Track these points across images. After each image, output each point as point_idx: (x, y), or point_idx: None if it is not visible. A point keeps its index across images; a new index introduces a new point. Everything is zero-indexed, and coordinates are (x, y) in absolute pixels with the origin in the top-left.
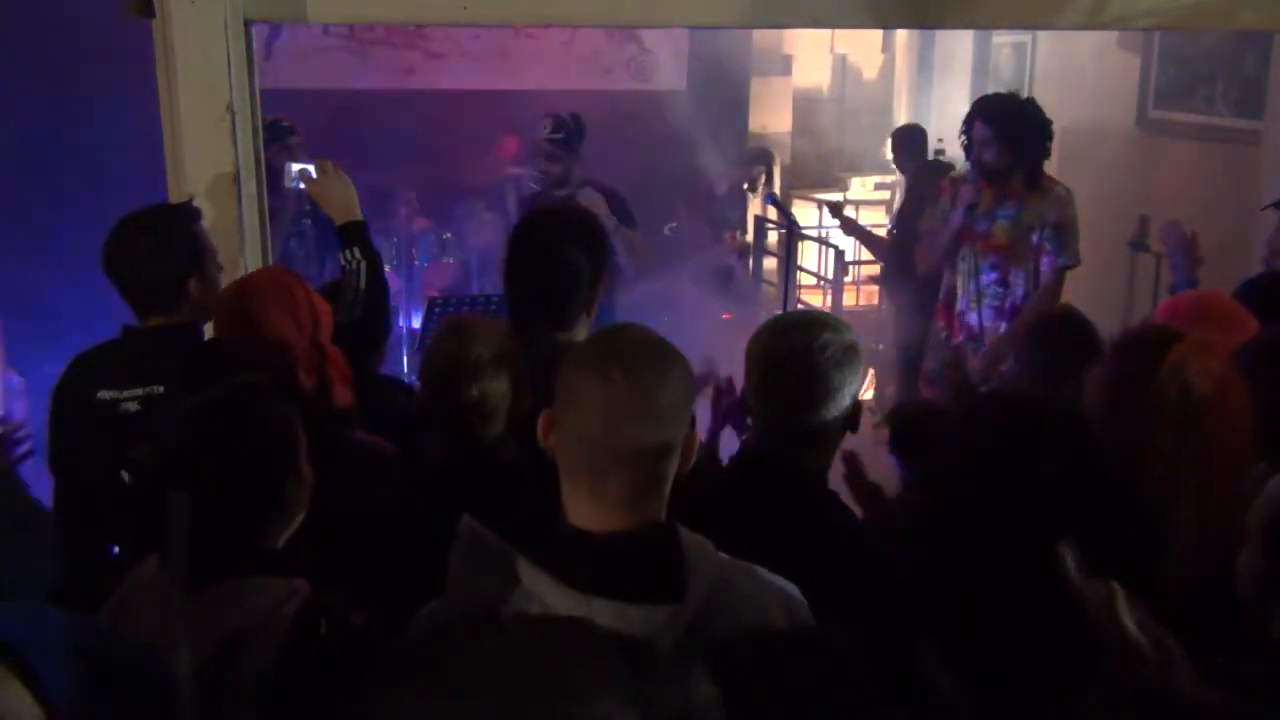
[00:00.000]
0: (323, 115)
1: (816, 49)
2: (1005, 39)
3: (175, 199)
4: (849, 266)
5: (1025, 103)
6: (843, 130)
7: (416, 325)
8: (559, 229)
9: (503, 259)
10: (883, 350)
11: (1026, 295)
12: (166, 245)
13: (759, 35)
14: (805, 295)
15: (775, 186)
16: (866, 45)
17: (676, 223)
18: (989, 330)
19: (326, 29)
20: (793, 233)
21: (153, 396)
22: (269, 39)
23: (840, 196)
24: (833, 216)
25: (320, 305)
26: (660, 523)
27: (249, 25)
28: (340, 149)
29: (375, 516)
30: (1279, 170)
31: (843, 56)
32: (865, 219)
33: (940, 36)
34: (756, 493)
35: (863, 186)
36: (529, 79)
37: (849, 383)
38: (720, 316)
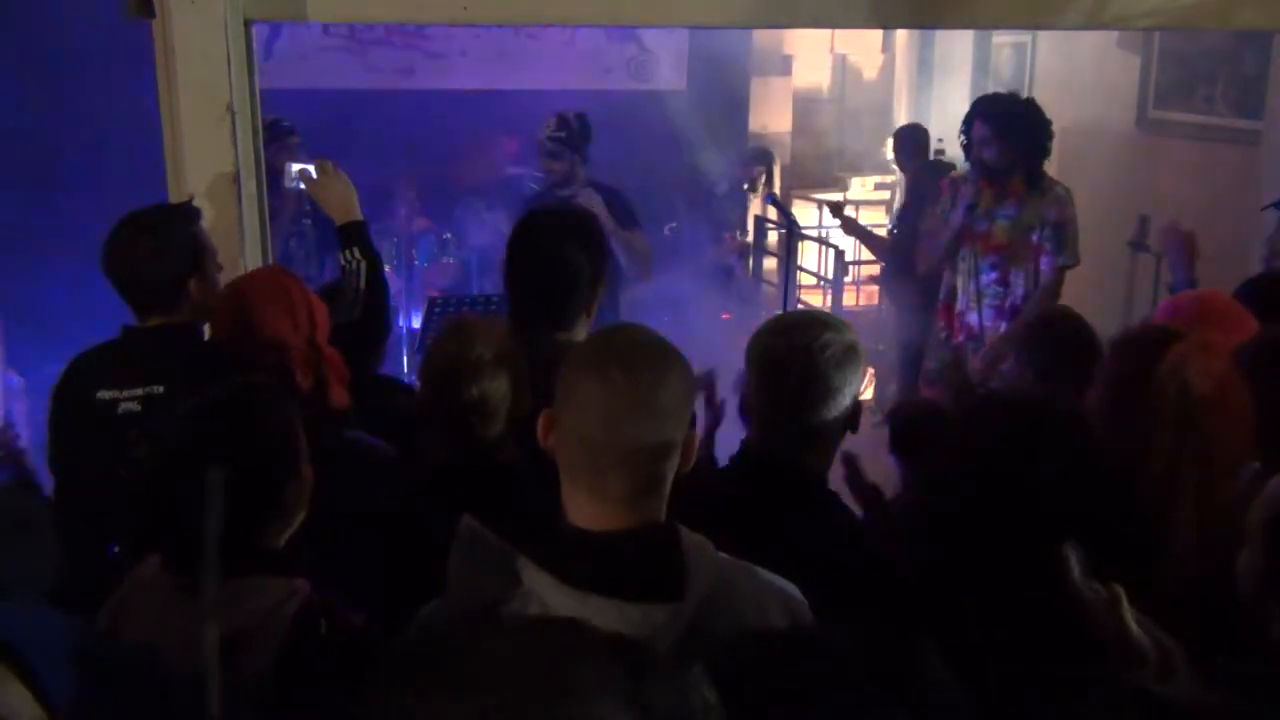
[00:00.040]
0: (323, 115)
1: (816, 49)
2: (1005, 39)
3: (175, 199)
4: (849, 266)
5: (1025, 102)
6: (843, 130)
7: (416, 325)
8: (559, 229)
9: (502, 259)
10: (883, 350)
11: (1026, 295)
12: (166, 245)
13: (759, 35)
14: (805, 295)
15: (775, 186)
16: (866, 45)
17: (676, 223)
18: (989, 330)
19: (326, 29)
20: (793, 233)
21: (152, 396)
22: (269, 39)
23: (840, 196)
24: (833, 216)
25: (317, 305)
26: (660, 522)
27: (249, 25)
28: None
29: (372, 516)
30: (1279, 170)
31: (843, 56)
32: (865, 219)
33: (940, 36)
34: (756, 493)
35: (863, 186)
36: (529, 79)
37: (849, 383)
38: (720, 316)
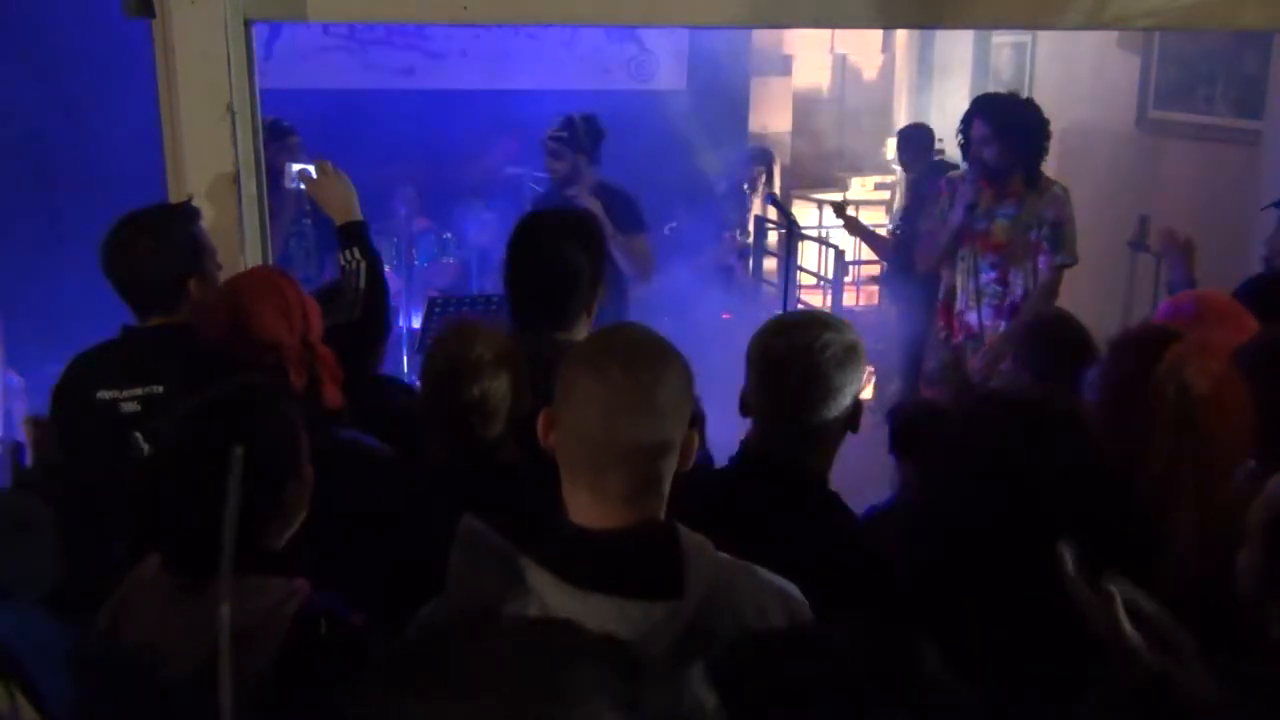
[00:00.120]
0: (323, 115)
1: (816, 49)
2: (1005, 39)
3: (175, 199)
4: (849, 266)
5: (1024, 102)
6: (843, 130)
7: (416, 325)
8: (559, 229)
9: (502, 259)
10: (882, 350)
11: (1026, 294)
12: (166, 245)
13: (759, 35)
14: (805, 295)
15: (775, 186)
16: (866, 45)
17: (676, 223)
18: (989, 329)
19: (326, 29)
20: (793, 233)
21: (152, 396)
22: (269, 39)
23: (841, 196)
24: (837, 216)
25: (311, 305)
26: (660, 521)
27: (249, 25)
28: (340, 149)
29: (368, 516)
30: (1279, 170)
31: (843, 56)
32: (865, 219)
33: (940, 36)
34: (756, 493)
35: (863, 187)
36: (529, 79)
37: (850, 382)
38: (720, 316)
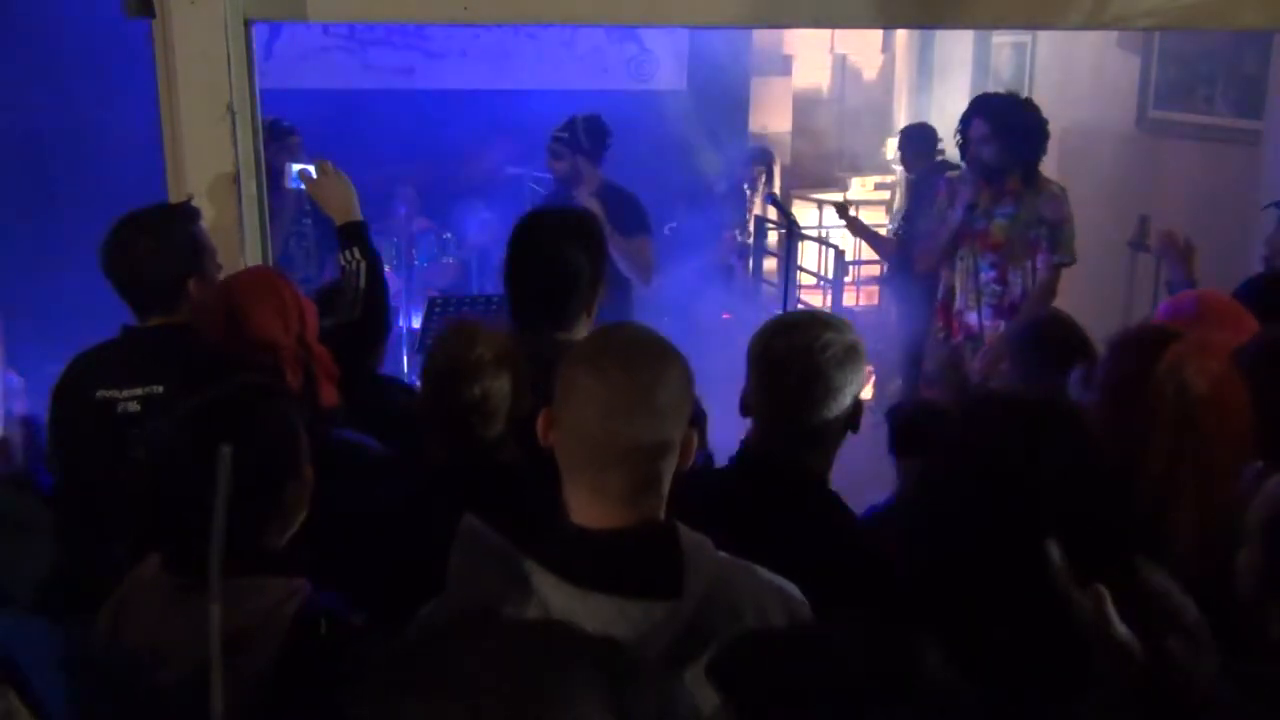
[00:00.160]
0: (323, 115)
1: (816, 49)
2: (1005, 39)
3: (175, 199)
4: (849, 266)
5: (1022, 101)
6: (843, 130)
7: (416, 325)
8: (559, 229)
9: (503, 259)
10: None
11: (1024, 293)
12: (166, 245)
13: (759, 35)
14: (805, 295)
15: (775, 186)
16: (866, 45)
17: (676, 223)
18: (988, 329)
19: (326, 29)
20: (793, 233)
21: (152, 396)
22: (269, 39)
23: (841, 196)
24: (840, 218)
25: (307, 304)
26: (660, 520)
27: (249, 25)
28: (340, 149)
29: (365, 515)
30: (1279, 170)
31: (843, 56)
32: (865, 219)
33: (940, 36)
34: (756, 493)
35: (863, 187)
36: (529, 79)
37: (850, 382)
38: (720, 316)
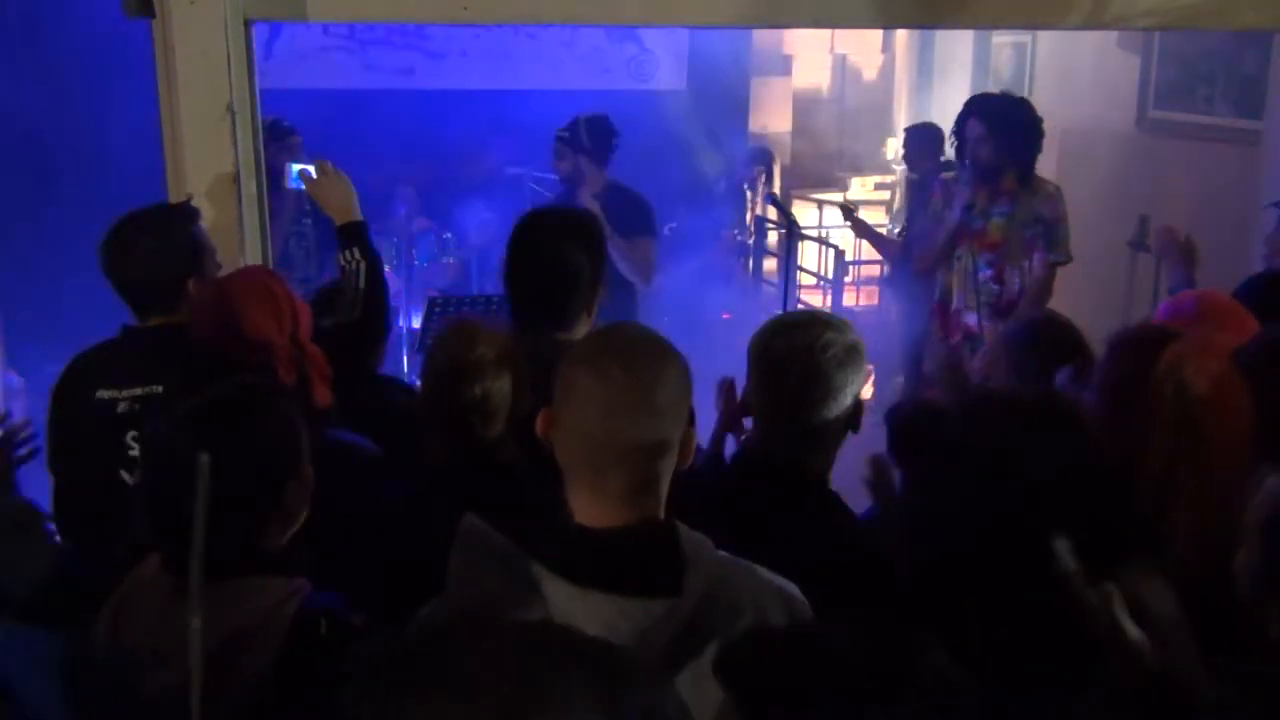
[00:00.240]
0: (323, 115)
1: (816, 49)
2: (1005, 39)
3: (175, 199)
4: (849, 266)
5: (1017, 100)
6: (843, 130)
7: (416, 325)
8: (559, 229)
9: (503, 259)
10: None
11: (1022, 292)
12: (165, 245)
13: (759, 35)
14: (805, 295)
15: (775, 186)
16: (866, 45)
17: (676, 223)
18: (987, 329)
19: (326, 29)
20: (793, 233)
21: (152, 396)
22: (269, 39)
23: (841, 196)
24: (845, 219)
25: (300, 304)
26: (659, 519)
27: (249, 25)
28: (340, 149)
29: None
30: (1279, 170)
31: (843, 56)
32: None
33: (940, 36)
34: (757, 493)
35: (863, 187)
36: (529, 79)
37: (851, 382)
38: (720, 316)
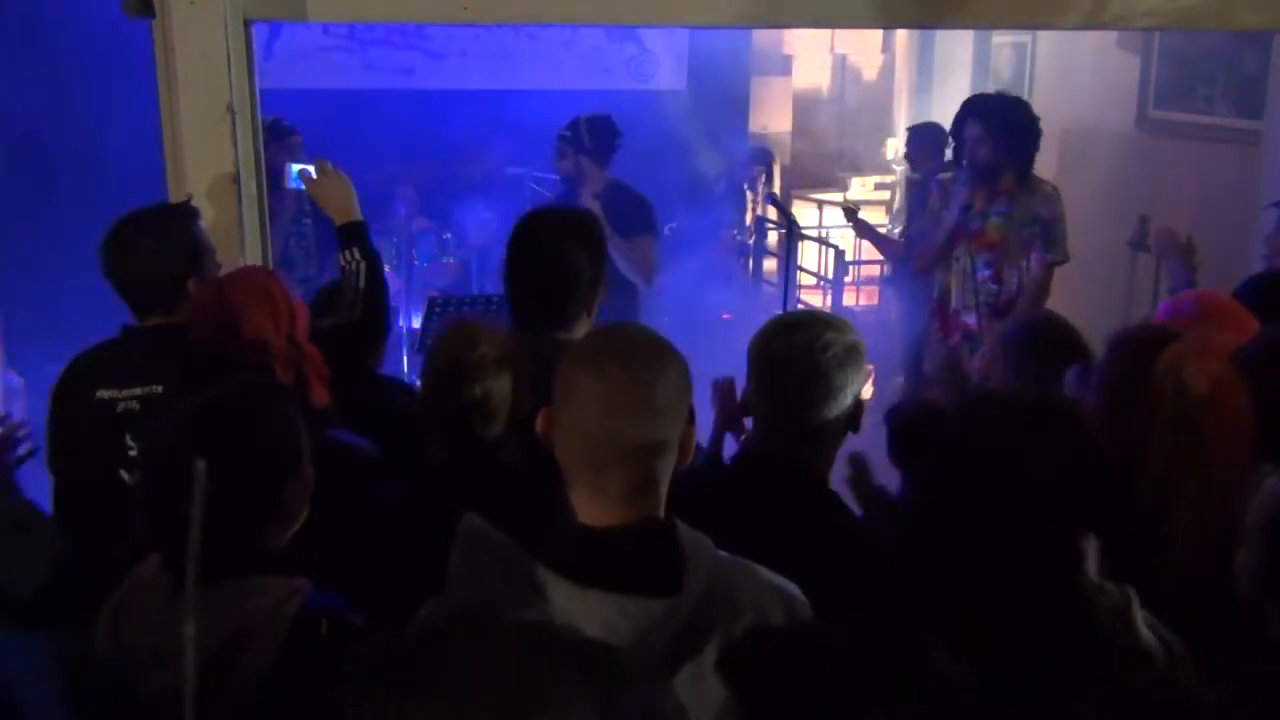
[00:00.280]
0: (323, 115)
1: (816, 49)
2: (1005, 39)
3: (175, 199)
4: (849, 266)
5: (1014, 100)
6: (843, 130)
7: (416, 325)
8: (559, 229)
9: (503, 259)
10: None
11: (1020, 291)
12: (165, 245)
13: (759, 35)
14: (805, 295)
15: (775, 186)
16: (866, 45)
17: (676, 223)
18: (986, 329)
19: (326, 29)
20: (793, 233)
21: (152, 396)
22: (269, 39)
23: (841, 196)
24: (847, 221)
25: (297, 304)
26: (659, 518)
27: (249, 25)
28: (340, 149)
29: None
30: (1279, 170)
31: (843, 56)
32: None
33: (940, 36)
34: (757, 493)
35: (863, 187)
36: (529, 79)
37: (851, 382)
38: (720, 316)
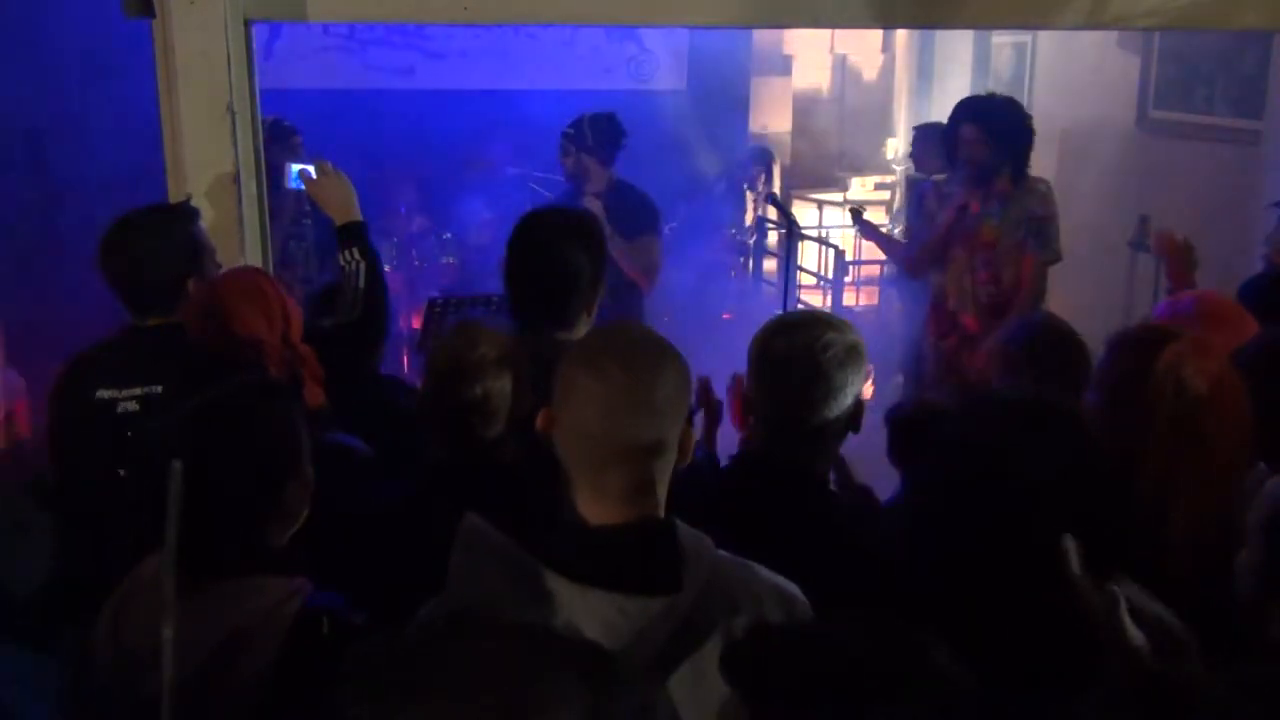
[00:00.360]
0: (323, 115)
1: (816, 49)
2: (1005, 39)
3: (175, 199)
4: (849, 266)
5: (1007, 100)
6: (843, 130)
7: (416, 325)
8: (559, 229)
9: (503, 259)
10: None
11: (1017, 290)
12: (166, 245)
13: (759, 35)
14: (805, 295)
15: (775, 186)
16: (866, 45)
17: (676, 223)
18: (983, 328)
19: (326, 29)
20: (793, 233)
21: (151, 396)
22: (269, 39)
23: (841, 196)
24: (853, 222)
25: (291, 304)
26: (659, 517)
27: (249, 25)
28: (340, 149)
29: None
30: (1279, 170)
31: (843, 56)
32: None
33: (940, 36)
34: (757, 493)
35: (863, 187)
36: (529, 79)
37: (851, 382)
38: (720, 316)
